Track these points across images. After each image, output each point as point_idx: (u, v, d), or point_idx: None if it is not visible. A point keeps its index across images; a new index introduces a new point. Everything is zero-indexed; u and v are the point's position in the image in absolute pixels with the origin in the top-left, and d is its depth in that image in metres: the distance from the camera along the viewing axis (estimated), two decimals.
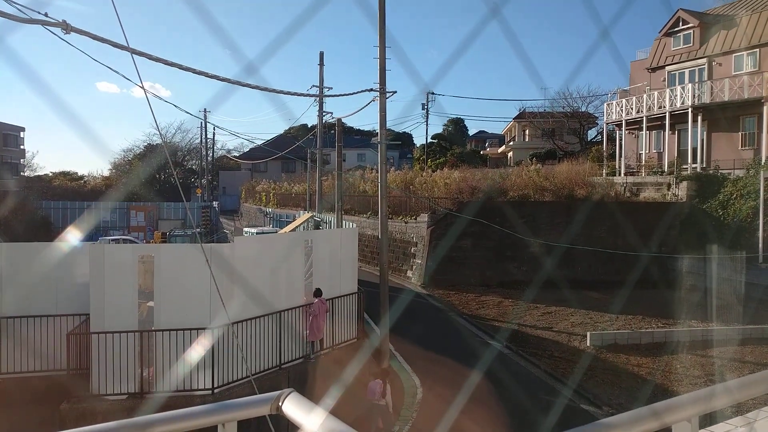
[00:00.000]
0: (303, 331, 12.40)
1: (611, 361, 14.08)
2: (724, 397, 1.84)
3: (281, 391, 1.54)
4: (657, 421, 1.60)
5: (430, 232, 23.59)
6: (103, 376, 9.90)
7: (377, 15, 12.81)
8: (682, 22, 30.56)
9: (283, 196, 45.99)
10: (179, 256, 10.92)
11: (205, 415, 1.48)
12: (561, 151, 45.62)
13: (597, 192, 25.67)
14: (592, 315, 18.13)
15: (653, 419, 1.59)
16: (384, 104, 13.02)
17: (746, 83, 25.14)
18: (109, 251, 10.91)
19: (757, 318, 16.87)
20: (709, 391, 1.81)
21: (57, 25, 5.68)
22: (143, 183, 59.29)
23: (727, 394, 1.87)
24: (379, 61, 12.96)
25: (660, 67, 31.89)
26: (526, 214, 23.09)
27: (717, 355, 14.45)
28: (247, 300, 10.96)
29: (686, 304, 18.23)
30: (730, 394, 1.86)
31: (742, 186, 22.65)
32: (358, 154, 69.83)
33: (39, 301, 11.15)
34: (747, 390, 1.92)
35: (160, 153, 60.76)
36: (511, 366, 13.86)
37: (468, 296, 20.99)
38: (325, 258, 13.33)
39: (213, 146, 61.95)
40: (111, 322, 9.99)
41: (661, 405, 1.66)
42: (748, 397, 2.00)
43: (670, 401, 1.70)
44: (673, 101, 27.62)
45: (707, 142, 27.63)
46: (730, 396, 1.89)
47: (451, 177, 28.35)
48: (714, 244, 20.43)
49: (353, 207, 30.68)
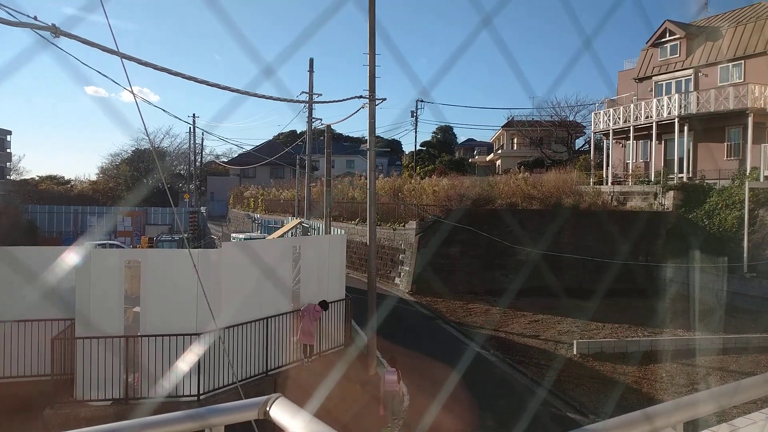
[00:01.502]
0: (292, 337, 12.35)
1: (598, 370, 14.14)
2: (709, 404, 1.87)
3: (269, 396, 1.53)
4: (646, 426, 1.61)
5: (419, 239, 23.62)
6: (88, 381, 9.78)
7: (367, 22, 12.89)
8: (669, 33, 31.01)
9: (271, 202, 45.84)
10: (166, 261, 10.85)
11: (192, 420, 1.47)
12: (549, 159, 45.95)
13: (584, 201, 25.87)
14: (578, 323, 18.21)
15: (645, 423, 1.60)
16: (373, 111, 13.07)
17: (731, 94, 25.53)
18: (96, 256, 10.80)
19: (741, 327, 17.06)
20: (692, 399, 1.83)
21: (46, 28, 5.65)
22: (130, 188, 58.82)
23: (712, 401, 1.89)
24: (369, 68, 13.02)
25: (647, 78, 32.31)
26: (513, 222, 23.22)
27: (701, 363, 14.58)
28: (234, 306, 10.90)
29: (671, 313, 18.39)
30: (714, 401, 1.89)
31: (727, 196, 22.94)
32: (347, 161, 69.87)
33: (23, 305, 11.01)
34: (730, 397, 1.95)
35: (148, 157, 60.40)
36: (498, 373, 13.88)
37: (455, 304, 21.01)
38: (313, 264, 13.30)
39: (201, 151, 61.73)
40: (97, 327, 9.88)
41: (648, 411, 1.68)
42: (732, 405, 2.03)
43: (654, 408, 1.72)
44: (660, 111, 27.96)
45: (693, 152, 27.98)
46: (715, 403, 1.91)
47: (440, 184, 28.42)
48: (699, 253, 20.67)
49: (342, 213, 30.64)
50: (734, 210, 22.11)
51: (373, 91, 12.99)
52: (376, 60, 13.01)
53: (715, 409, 1.92)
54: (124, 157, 64.54)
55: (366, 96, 13.04)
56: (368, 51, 12.95)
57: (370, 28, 12.88)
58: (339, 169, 61.29)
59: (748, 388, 2.13)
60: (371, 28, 12.88)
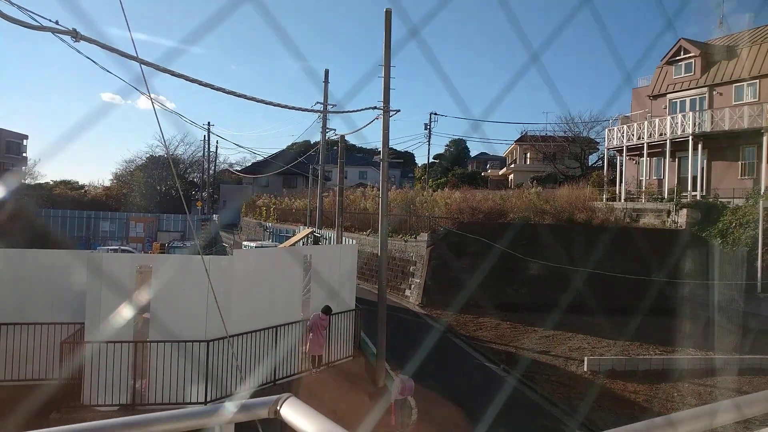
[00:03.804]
0: (301, 347, 12.33)
1: (608, 387, 13.95)
2: (731, 413, 1.84)
3: (280, 395, 1.52)
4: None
5: (430, 251, 23.55)
6: (95, 386, 9.81)
7: (383, 36, 12.99)
8: (684, 51, 30.93)
9: (283, 211, 46.03)
10: (177, 268, 10.89)
11: (202, 416, 1.46)
12: (562, 175, 45.78)
13: (597, 217, 25.69)
14: (590, 340, 18.01)
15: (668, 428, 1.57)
16: (387, 122, 13.12)
17: (746, 113, 25.34)
18: (107, 260, 10.88)
19: (755, 348, 16.76)
20: (714, 407, 1.80)
21: (67, 33, 5.73)
22: (144, 194, 59.38)
23: (735, 410, 1.86)
24: (384, 79, 13.09)
25: (661, 95, 32.18)
26: (525, 237, 23.09)
27: (714, 384, 14.33)
28: (244, 313, 10.91)
29: (684, 332, 18.13)
30: (737, 410, 1.85)
31: (741, 215, 22.68)
32: (360, 172, 70.09)
33: (34, 308, 11.09)
34: (751, 408, 1.91)
35: (162, 164, 61.01)
36: (507, 388, 13.74)
37: (466, 317, 20.87)
38: (324, 274, 13.29)
39: (216, 159, 62.21)
40: (106, 332, 9.92)
41: (672, 417, 1.65)
42: (752, 415, 1.99)
43: (677, 414, 1.69)
44: (674, 129, 27.80)
45: (707, 170, 27.76)
46: (737, 412, 1.88)
47: (452, 197, 28.40)
48: (713, 272, 20.38)
49: (353, 224, 30.68)
50: (748, 229, 21.84)
51: (387, 103, 13.04)
52: (390, 72, 13.09)
53: (737, 417, 1.89)
54: (138, 164, 65.28)
55: (380, 107, 13.09)
56: (383, 63, 13.03)
57: (385, 41, 12.98)
58: (351, 179, 61.47)
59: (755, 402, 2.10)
60: (387, 41, 12.97)
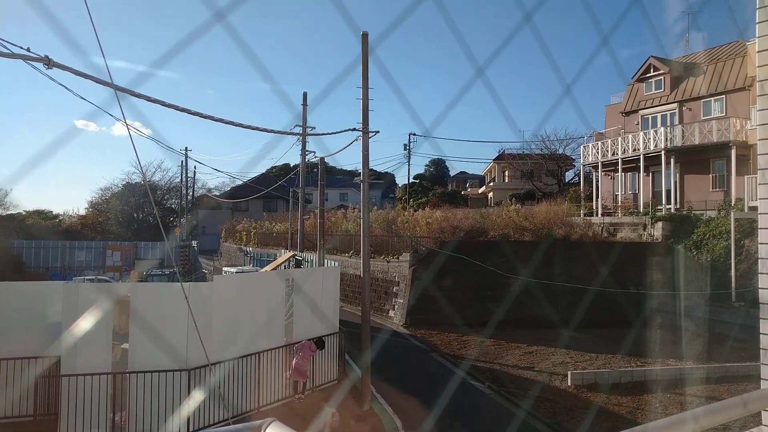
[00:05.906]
0: (285, 372, 12.18)
1: (592, 401, 14.00)
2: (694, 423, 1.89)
3: (263, 419, 1.52)
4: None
5: (413, 271, 23.56)
6: (72, 421, 9.55)
7: (360, 58, 13.14)
8: (653, 68, 31.82)
9: (264, 235, 45.73)
10: (156, 296, 10.73)
11: None
12: (540, 191, 46.38)
13: (575, 232, 26.02)
14: (572, 354, 18.10)
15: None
16: (367, 144, 13.20)
17: (715, 127, 26.07)
18: (84, 290, 10.68)
19: (731, 356, 17.02)
20: (679, 418, 1.85)
21: (39, 60, 5.70)
22: (120, 222, 58.52)
23: (695, 421, 1.92)
24: (362, 101, 13.21)
25: (633, 111, 32.98)
26: (506, 254, 23.25)
27: (694, 393, 14.49)
28: (226, 340, 10.77)
29: (663, 343, 18.34)
30: (697, 421, 1.91)
31: (714, 226, 23.19)
32: (341, 194, 70.15)
33: (7, 342, 10.80)
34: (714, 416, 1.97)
35: (138, 191, 60.30)
36: (493, 406, 13.71)
37: (450, 336, 20.83)
38: (307, 297, 13.21)
39: (194, 185, 61.70)
40: (83, 365, 9.69)
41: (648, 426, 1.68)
42: (716, 424, 2.05)
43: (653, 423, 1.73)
44: (646, 144, 28.46)
45: (680, 184, 28.39)
46: (698, 423, 1.94)
47: (433, 216, 28.52)
48: (688, 283, 20.72)
49: (335, 246, 30.58)
50: (721, 240, 22.31)
51: (367, 124, 13.14)
52: (369, 94, 13.23)
53: (700, 428, 1.96)
54: (114, 191, 64.38)
55: (360, 129, 13.19)
56: (361, 85, 13.17)
57: (363, 63, 13.13)
58: (332, 201, 61.45)
59: (725, 408, 2.20)
60: (364, 63, 13.12)
